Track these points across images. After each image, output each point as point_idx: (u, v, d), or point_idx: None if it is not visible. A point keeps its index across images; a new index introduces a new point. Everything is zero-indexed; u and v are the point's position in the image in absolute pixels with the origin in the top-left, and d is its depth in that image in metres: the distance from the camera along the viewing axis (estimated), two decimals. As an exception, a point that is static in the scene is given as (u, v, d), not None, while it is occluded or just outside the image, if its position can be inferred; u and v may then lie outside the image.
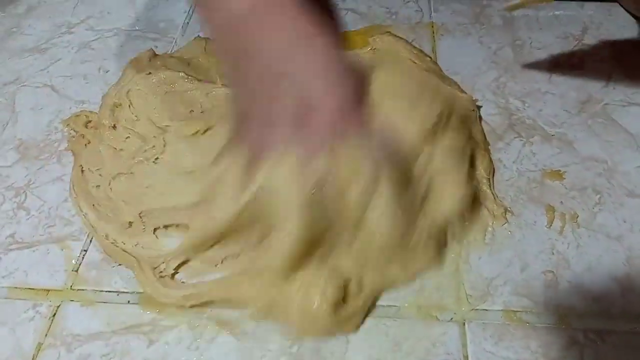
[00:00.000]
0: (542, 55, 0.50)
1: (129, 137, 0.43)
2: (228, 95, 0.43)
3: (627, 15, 0.54)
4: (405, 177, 0.33)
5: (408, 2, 0.57)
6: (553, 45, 0.51)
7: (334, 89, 0.32)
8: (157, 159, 0.41)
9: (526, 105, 0.46)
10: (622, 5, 0.55)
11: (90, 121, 0.46)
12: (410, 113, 0.34)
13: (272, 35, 0.33)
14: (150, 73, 0.45)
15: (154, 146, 0.41)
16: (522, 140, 0.43)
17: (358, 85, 0.34)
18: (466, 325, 0.33)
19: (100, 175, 0.42)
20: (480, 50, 0.51)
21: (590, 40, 0.52)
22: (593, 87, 0.47)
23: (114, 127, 0.43)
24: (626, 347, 0.32)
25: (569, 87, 0.47)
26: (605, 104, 0.46)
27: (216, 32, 0.35)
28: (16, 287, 0.37)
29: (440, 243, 0.36)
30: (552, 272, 0.35)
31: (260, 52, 0.33)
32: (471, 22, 0.54)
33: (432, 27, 0.54)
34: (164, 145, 0.41)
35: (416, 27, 0.54)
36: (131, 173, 0.40)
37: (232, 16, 0.33)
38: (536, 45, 0.51)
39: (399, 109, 0.34)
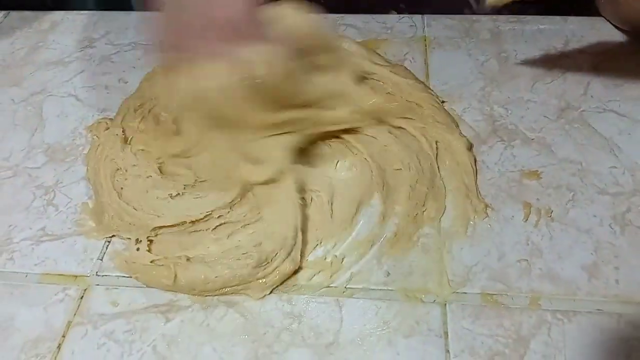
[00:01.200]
0: (525, 66, 0.55)
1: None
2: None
3: (608, 28, 0.58)
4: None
5: (402, 17, 0.61)
6: (537, 57, 0.56)
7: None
8: None
9: (509, 112, 0.50)
10: (605, 18, 0.59)
11: (108, 128, 0.51)
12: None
13: None
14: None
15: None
16: (504, 143, 0.47)
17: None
18: (447, 306, 0.37)
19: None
20: (469, 62, 0.56)
21: (571, 52, 0.56)
22: (572, 95, 0.51)
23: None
24: (589, 326, 0.36)
25: (549, 95, 0.51)
26: (582, 110, 0.50)
27: None
28: (47, 273, 0.41)
29: None
30: (526, 260, 0.39)
31: None
32: (461, 36, 0.59)
33: (425, 40, 0.59)
34: None
35: (410, 41, 0.58)
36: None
37: None
38: (521, 57, 0.56)
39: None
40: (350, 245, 0.41)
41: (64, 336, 0.37)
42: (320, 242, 0.41)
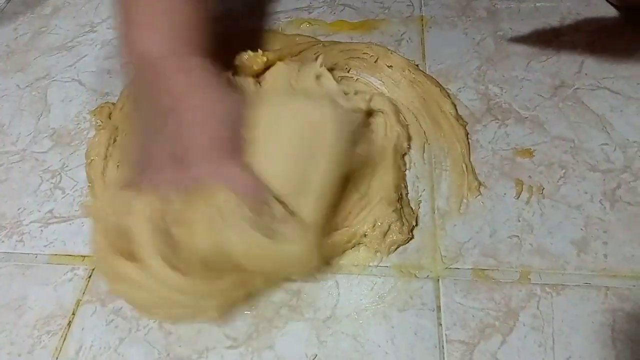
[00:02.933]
0: (521, 45, 0.55)
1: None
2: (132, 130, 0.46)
3: (604, 5, 0.58)
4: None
5: (400, -3, 0.62)
6: (532, 35, 0.56)
7: (205, 134, 0.36)
8: None
9: (504, 91, 0.51)
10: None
11: (111, 112, 0.52)
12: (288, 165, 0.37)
13: (167, 79, 0.37)
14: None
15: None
16: (498, 122, 0.48)
17: (236, 131, 0.37)
18: (440, 281, 0.39)
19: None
20: (465, 41, 0.56)
21: (567, 30, 0.56)
22: (566, 73, 0.52)
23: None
24: (577, 299, 0.37)
25: (544, 73, 0.52)
26: (576, 88, 0.50)
27: (132, 70, 0.40)
28: (56, 254, 0.43)
29: None
30: (517, 236, 0.41)
31: (155, 92, 0.37)
32: (458, 15, 0.59)
33: (422, 20, 0.59)
34: None
35: (407, 21, 0.59)
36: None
37: (144, 61, 0.38)
38: (516, 36, 0.56)
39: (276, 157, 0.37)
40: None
41: (73, 314, 0.39)
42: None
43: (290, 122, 0.38)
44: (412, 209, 0.43)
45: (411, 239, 0.41)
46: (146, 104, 0.38)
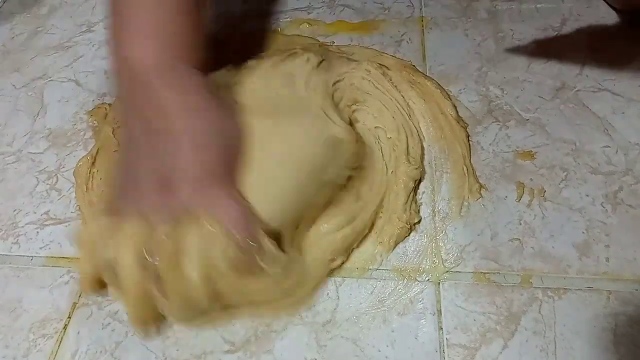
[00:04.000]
0: (522, 46, 0.55)
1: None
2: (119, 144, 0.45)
3: (605, 7, 0.58)
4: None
5: (400, -2, 0.61)
6: (533, 36, 0.56)
7: (198, 159, 0.34)
8: None
9: (505, 92, 0.50)
10: (601, -2, 0.59)
11: (107, 114, 0.52)
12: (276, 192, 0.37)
13: (160, 96, 0.35)
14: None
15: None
16: (499, 124, 0.48)
17: (228, 158, 0.36)
18: (441, 285, 0.39)
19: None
20: (465, 43, 0.56)
21: (568, 31, 0.56)
22: (567, 75, 0.51)
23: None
24: (579, 303, 0.37)
25: (545, 75, 0.52)
26: (578, 90, 0.50)
27: (119, 81, 0.38)
28: (52, 257, 0.42)
29: None
30: (519, 239, 0.40)
31: (146, 109, 0.35)
32: (458, 16, 0.59)
33: (422, 21, 0.59)
34: None
35: (407, 22, 0.59)
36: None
37: (134, 72, 0.36)
38: (517, 37, 0.56)
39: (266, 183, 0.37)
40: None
41: (69, 317, 0.39)
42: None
43: (279, 146, 0.38)
44: (417, 210, 0.43)
45: (410, 230, 0.41)
46: (134, 121, 0.36)
